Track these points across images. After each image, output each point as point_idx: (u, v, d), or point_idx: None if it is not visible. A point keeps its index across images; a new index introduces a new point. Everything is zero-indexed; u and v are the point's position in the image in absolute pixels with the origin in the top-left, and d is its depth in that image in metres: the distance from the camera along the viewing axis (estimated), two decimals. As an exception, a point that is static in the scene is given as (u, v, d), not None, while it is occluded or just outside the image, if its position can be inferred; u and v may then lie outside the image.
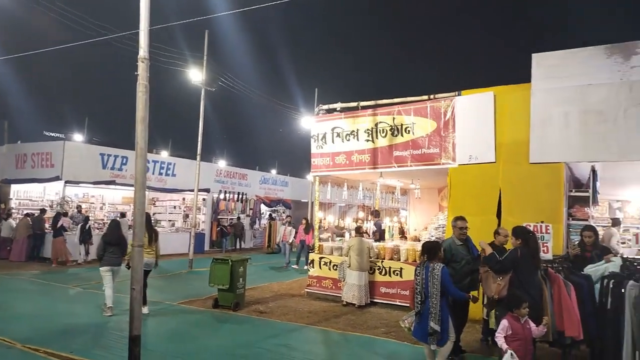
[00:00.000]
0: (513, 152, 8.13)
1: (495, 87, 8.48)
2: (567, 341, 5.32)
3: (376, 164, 9.88)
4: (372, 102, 10.12)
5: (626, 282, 4.94)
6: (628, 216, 15.09)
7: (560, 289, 5.38)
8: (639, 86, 7.15)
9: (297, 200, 25.11)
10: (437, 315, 4.97)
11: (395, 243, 10.29)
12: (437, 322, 4.95)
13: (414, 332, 5.24)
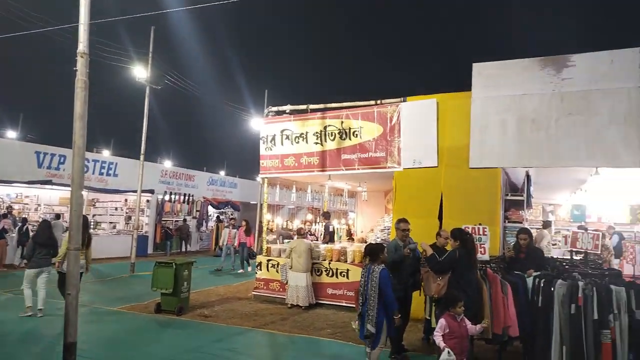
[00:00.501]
0: (454, 157, 8.47)
1: (438, 94, 8.82)
2: (504, 338, 5.60)
3: (325, 167, 9.98)
4: (322, 105, 10.22)
5: (555, 281, 5.25)
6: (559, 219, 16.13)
7: (498, 288, 5.66)
8: (570, 97, 7.65)
9: (246, 202, 24.84)
10: (374, 317, 5.03)
11: (342, 245, 10.43)
12: (373, 325, 5.01)
13: (359, 334, 5.31)
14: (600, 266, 6.35)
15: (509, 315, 5.54)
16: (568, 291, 5.02)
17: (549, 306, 5.17)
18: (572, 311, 4.93)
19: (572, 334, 4.90)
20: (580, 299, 4.91)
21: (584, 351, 4.80)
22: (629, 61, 7.30)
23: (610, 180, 9.40)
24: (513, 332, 5.54)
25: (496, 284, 5.65)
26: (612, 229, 13.46)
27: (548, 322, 5.14)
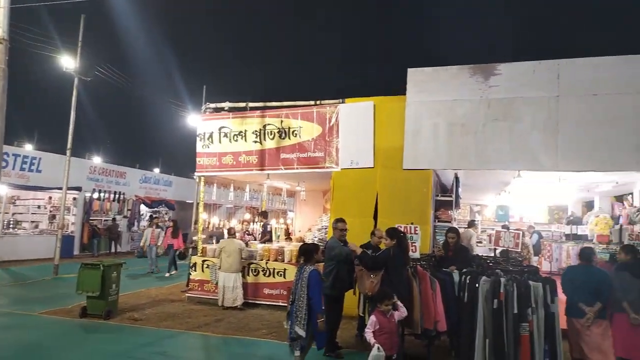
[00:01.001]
0: (389, 158, 8.71)
1: (376, 97, 9.04)
2: (432, 333, 5.83)
3: (264, 166, 9.91)
4: (261, 103, 10.14)
5: (480, 277, 5.54)
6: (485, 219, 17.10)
7: (427, 285, 5.89)
8: (496, 104, 8.13)
9: (181, 201, 24.09)
10: (303, 319, 4.93)
11: (280, 244, 10.39)
12: (302, 327, 4.92)
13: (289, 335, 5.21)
14: (520, 263, 6.79)
15: (437, 311, 5.79)
16: (491, 287, 5.31)
17: (474, 301, 5.44)
18: (494, 306, 5.22)
19: (494, 328, 5.19)
20: (502, 294, 5.21)
21: (504, 343, 5.10)
22: (549, 72, 7.87)
23: (531, 182, 10.10)
24: (441, 327, 5.79)
25: (426, 281, 5.88)
26: (532, 228, 14.47)
27: (473, 317, 5.41)
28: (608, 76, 7.61)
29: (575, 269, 5.94)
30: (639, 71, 7.48)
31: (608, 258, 7.65)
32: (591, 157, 7.61)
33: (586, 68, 7.76)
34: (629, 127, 7.42)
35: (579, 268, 5.83)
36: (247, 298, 9.22)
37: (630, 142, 7.40)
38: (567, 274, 5.88)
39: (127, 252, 19.80)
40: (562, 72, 7.81)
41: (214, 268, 9.27)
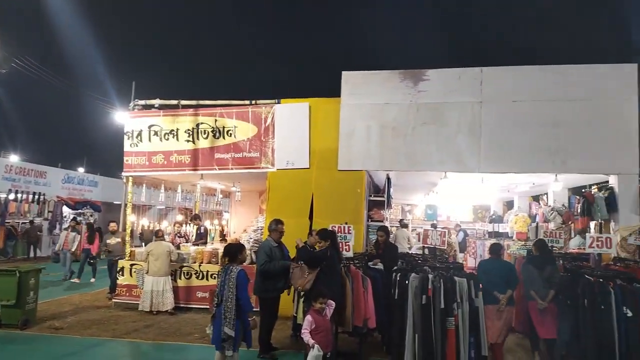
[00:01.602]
0: (324, 159, 8.83)
1: (311, 99, 9.12)
2: (363, 330, 5.98)
3: (197, 166, 9.67)
4: (194, 101, 9.89)
5: (410, 274, 5.76)
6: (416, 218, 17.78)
7: (359, 283, 6.04)
8: (424, 108, 8.50)
9: (108, 202, 22.85)
10: (232, 319, 4.86)
11: (214, 246, 10.18)
12: (231, 328, 4.85)
13: (212, 339, 5.05)
14: (446, 260, 7.13)
15: (368, 308, 5.95)
16: (420, 283, 5.54)
17: (403, 298, 5.65)
18: (423, 301, 5.45)
19: (423, 323, 5.40)
20: (430, 290, 5.46)
21: (432, 337, 5.34)
22: (473, 79, 8.36)
23: (457, 183, 10.64)
24: (371, 324, 5.96)
25: (358, 279, 6.03)
26: (458, 226, 15.25)
27: (403, 313, 5.61)
28: (526, 84, 8.23)
29: (487, 262, 6.48)
30: (552, 80, 8.14)
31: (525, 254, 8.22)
32: (511, 160, 8.18)
33: (506, 76, 8.34)
34: (544, 132, 8.05)
35: (490, 261, 6.39)
36: (179, 302, 8.95)
37: (545, 146, 8.04)
38: (481, 267, 6.41)
39: (47, 256, 18.48)
40: (485, 79, 8.32)
41: (141, 272, 8.90)
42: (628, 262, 6.72)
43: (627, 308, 5.04)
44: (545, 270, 5.97)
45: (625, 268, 6.33)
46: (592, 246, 6.08)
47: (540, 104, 8.13)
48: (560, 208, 10.23)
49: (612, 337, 5.05)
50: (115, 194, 22.86)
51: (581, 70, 8.13)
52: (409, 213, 17.80)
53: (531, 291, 5.93)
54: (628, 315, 5.02)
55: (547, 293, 5.80)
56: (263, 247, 6.37)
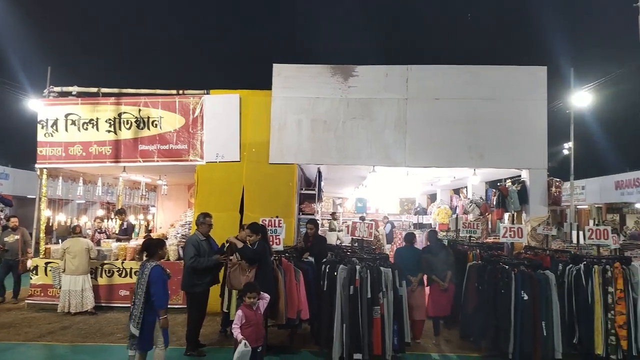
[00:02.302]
0: (256, 152, 8.75)
1: (241, 90, 8.96)
2: (296, 322, 6.04)
3: (119, 158, 9.18)
4: (116, 90, 9.34)
5: (338, 266, 5.89)
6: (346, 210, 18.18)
7: (291, 276, 6.08)
8: (354, 103, 8.68)
9: (21, 197, 21.06)
10: (138, 317, 4.64)
11: (138, 242, 9.74)
12: (136, 326, 4.64)
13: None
14: (373, 251, 7.38)
15: (300, 300, 6.02)
16: (348, 274, 5.70)
17: (332, 289, 5.79)
18: (350, 292, 5.62)
19: (351, 312, 5.58)
20: (357, 280, 5.63)
21: (359, 326, 5.52)
22: (399, 76, 8.66)
23: (385, 177, 11.01)
24: (304, 315, 6.04)
25: (290, 272, 6.07)
26: (386, 218, 15.80)
27: (332, 304, 5.75)
28: (447, 83, 8.65)
29: (402, 249, 7.37)
30: (471, 80, 8.63)
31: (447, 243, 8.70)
32: (434, 155, 8.59)
33: (431, 74, 8.72)
34: (463, 129, 8.53)
35: (404, 248, 7.26)
36: (100, 302, 8.50)
37: (464, 142, 8.53)
38: (397, 253, 7.28)
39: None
40: (411, 76, 8.65)
41: (56, 271, 8.33)
42: (537, 250, 7.34)
43: (524, 292, 5.52)
44: (440, 255, 6.84)
45: (534, 256, 6.91)
46: (505, 236, 6.55)
47: (459, 102, 8.60)
48: (478, 200, 10.93)
49: (509, 316, 5.52)
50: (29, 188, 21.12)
51: (496, 71, 8.70)
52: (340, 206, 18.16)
53: (433, 276, 6.73)
54: (525, 298, 5.50)
55: (446, 275, 6.69)
56: (190, 241, 6.20)
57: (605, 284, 5.65)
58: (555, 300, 5.60)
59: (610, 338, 5.54)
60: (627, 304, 5.58)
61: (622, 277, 5.63)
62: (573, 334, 5.77)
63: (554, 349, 5.50)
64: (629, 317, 5.55)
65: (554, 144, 21.52)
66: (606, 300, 5.62)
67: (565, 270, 5.94)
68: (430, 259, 6.82)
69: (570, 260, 6.12)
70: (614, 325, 5.54)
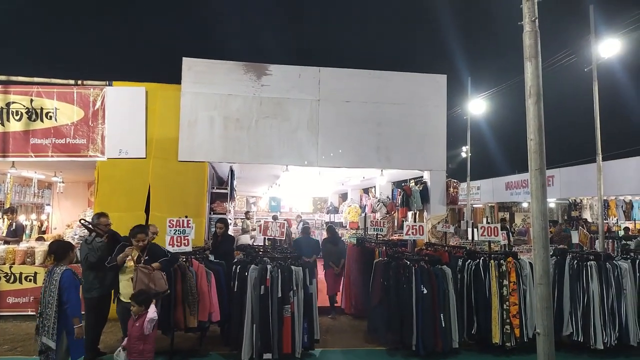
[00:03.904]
0: (163, 149, 8.38)
1: (148, 84, 8.55)
2: (207, 324, 5.91)
3: (7, 152, 8.33)
4: (4, 77, 8.45)
5: (249, 266, 5.86)
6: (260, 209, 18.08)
7: (203, 279, 5.92)
8: (267, 101, 8.66)
9: None
10: (52, 328, 4.28)
11: (29, 245, 8.89)
12: (51, 338, 4.28)
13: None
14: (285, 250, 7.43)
15: (212, 302, 5.89)
16: (259, 274, 5.69)
17: (243, 289, 5.74)
18: (261, 292, 5.62)
19: (261, 313, 5.57)
20: (268, 280, 5.64)
21: (270, 326, 5.53)
22: (311, 77, 8.81)
23: (298, 176, 11.12)
24: (215, 318, 5.92)
25: (202, 274, 5.92)
26: (300, 217, 15.97)
27: (242, 304, 5.70)
28: (356, 86, 8.97)
29: (300, 239, 8.82)
30: (378, 84, 9.03)
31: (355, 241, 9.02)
32: (344, 155, 8.86)
33: (342, 77, 8.97)
34: (372, 131, 8.90)
35: (302, 238, 8.73)
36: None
37: (372, 143, 8.90)
38: (296, 242, 8.73)
39: None
40: (323, 78, 8.84)
41: None
42: (437, 246, 7.88)
43: (424, 286, 5.92)
44: (338, 246, 8.51)
45: (434, 252, 7.40)
46: (408, 233, 6.95)
47: (368, 105, 8.96)
48: (385, 199, 11.46)
49: (411, 310, 5.89)
50: None
51: (401, 77, 9.19)
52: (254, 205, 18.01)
53: (330, 262, 8.29)
54: (424, 292, 5.91)
55: (340, 262, 8.29)
56: (85, 242, 5.79)
57: (501, 277, 6.20)
58: (452, 294, 6.06)
59: (506, 327, 6.04)
60: (519, 295, 6.14)
61: (515, 271, 6.22)
62: (471, 325, 6.20)
63: (452, 340, 5.94)
64: (520, 307, 6.10)
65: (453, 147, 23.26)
66: (501, 292, 6.15)
67: (465, 265, 6.41)
68: (329, 248, 8.42)
69: (467, 256, 6.63)
70: (509, 315, 6.06)
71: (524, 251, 9.07)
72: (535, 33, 4.44)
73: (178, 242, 5.97)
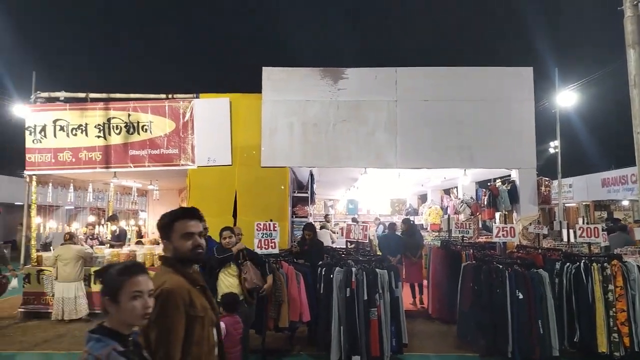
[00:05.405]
0: (247, 156, 8.73)
1: (231, 94, 8.95)
2: (298, 325, 6.07)
3: (109, 163, 9.10)
4: (105, 95, 9.28)
5: (334, 268, 5.92)
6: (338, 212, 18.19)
7: (293, 280, 6.09)
8: (344, 105, 8.71)
9: (9, 203, 20.72)
10: None
11: (131, 248, 9.67)
12: None
13: None
14: (369, 253, 7.41)
15: (302, 303, 6.04)
16: (344, 277, 5.73)
17: (329, 291, 5.81)
18: (347, 294, 5.65)
19: (347, 315, 5.60)
20: (353, 282, 5.65)
21: (357, 329, 5.54)
22: (388, 78, 8.72)
23: (376, 178, 11.06)
24: (306, 318, 6.06)
25: (292, 275, 6.09)
26: (378, 220, 15.82)
27: (329, 306, 5.77)
28: (435, 85, 8.73)
29: (385, 236, 9.52)
30: (458, 81, 8.73)
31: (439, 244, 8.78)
32: (424, 156, 8.66)
33: (418, 77, 8.79)
34: (452, 130, 8.62)
35: (387, 235, 9.37)
36: (95, 308, 8.40)
37: (453, 142, 8.61)
38: (381, 239, 9.54)
39: None
40: (399, 78, 8.71)
41: (50, 279, 8.25)
42: (529, 249, 7.44)
43: (519, 291, 5.59)
44: (415, 237, 9.19)
45: (526, 255, 7.00)
46: (498, 235, 6.63)
47: (448, 103, 8.68)
48: (469, 200, 11.03)
49: (505, 315, 5.58)
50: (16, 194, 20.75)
51: (483, 73, 8.81)
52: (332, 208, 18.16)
53: (407, 252, 8.88)
54: (520, 297, 5.57)
55: (418, 252, 8.97)
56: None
57: (605, 282, 5.71)
58: (550, 299, 5.67)
59: (613, 335, 5.56)
60: (627, 300, 5.63)
61: (621, 275, 5.71)
62: (573, 332, 5.79)
63: (552, 347, 5.57)
64: (629, 314, 5.59)
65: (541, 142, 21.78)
66: (607, 298, 5.66)
67: (563, 268, 5.98)
68: (407, 241, 9.06)
69: (564, 259, 6.19)
70: (616, 322, 5.57)
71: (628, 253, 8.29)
72: (637, 18, 4.06)
73: (266, 245, 6.18)
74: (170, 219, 2.37)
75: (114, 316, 1.91)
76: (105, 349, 1.79)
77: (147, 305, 1.93)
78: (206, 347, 2.25)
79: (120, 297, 1.90)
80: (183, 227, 2.32)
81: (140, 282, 1.93)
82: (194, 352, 2.18)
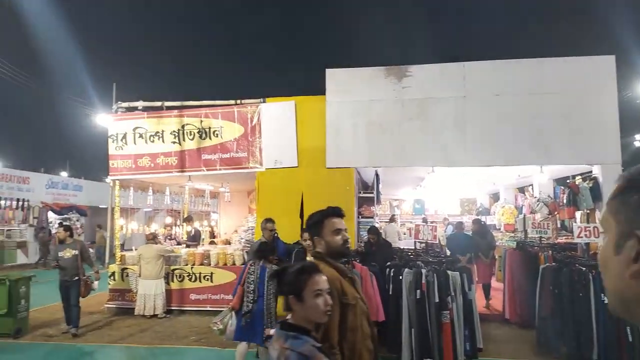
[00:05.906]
0: (313, 157, 8.83)
1: (296, 97, 9.10)
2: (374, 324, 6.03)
3: (184, 167, 9.59)
4: (178, 103, 9.80)
5: (403, 269, 5.83)
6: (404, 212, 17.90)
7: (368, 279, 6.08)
8: (409, 103, 8.55)
9: (94, 206, 22.53)
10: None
11: (205, 248, 10.14)
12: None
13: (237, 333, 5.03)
14: (438, 254, 7.23)
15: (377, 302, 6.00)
16: (414, 278, 5.63)
17: (398, 293, 5.73)
18: (417, 296, 5.54)
19: (418, 317, 5.50)
20: (423, 284, 5.53)
21: (429, 332, 5.42)
22: (455, 74, 8.43)
23: (444, 177, 10.74)
24: (381, 317, 6.01)
25: (366, 276, 6.07)
26: (446, 220, 15.39)
27: (398, 308, 5.69)
28: (507, 78, 8.32)
29: (454, 235, 9.61)
30: (531, 74, 8.26)
31: (515, 246, 8.36)
32: (496, 153, 8.28)
33: (488, 70, 8.42)
34: (525, 125, 8.17)
35: (455, 235, 9.49)
36: (172, 305, 8.91)
37: (527, 138, 8.16)
38: (450, 239, 9.67)
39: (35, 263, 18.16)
40: (467, 74, 8.40)
41: (133, 276, 8.85)
42: (614, 249, 6.86)
43: (604, 295, 5.17)
44: (486, 238, 9.17)
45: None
46: (580, 236, 6.20)
47: (521, 97, 8.24)
48: (546, 199, 10.40)
49: (590, 323, 5.19)
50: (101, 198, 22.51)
51: (559, 63, 8.26)
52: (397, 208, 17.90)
53: (479, 253, 8.92)
54: (605, 302, 5.15)
55: (490, 253, 9.02)
56: (252, 247, 6.37)
57: None
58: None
59: None
60: None
61: None
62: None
63: (642, 357, 5.13)
64: None
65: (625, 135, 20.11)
66: None
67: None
68: (478, 241, 9.05)
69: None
70: None
71: None
72: None
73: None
74: (320, 217, 2.57)
75: (299, 313, 2.03)
76: (306, 345, 1.90)
77: (328, 302, 2.05)
78: (360, 335, 2.38)
79: (304, 296, 2.02)
80: (332, 224, 2.50)
81: (319, 281, 2.06)
82: (349, 337, 2.31)
